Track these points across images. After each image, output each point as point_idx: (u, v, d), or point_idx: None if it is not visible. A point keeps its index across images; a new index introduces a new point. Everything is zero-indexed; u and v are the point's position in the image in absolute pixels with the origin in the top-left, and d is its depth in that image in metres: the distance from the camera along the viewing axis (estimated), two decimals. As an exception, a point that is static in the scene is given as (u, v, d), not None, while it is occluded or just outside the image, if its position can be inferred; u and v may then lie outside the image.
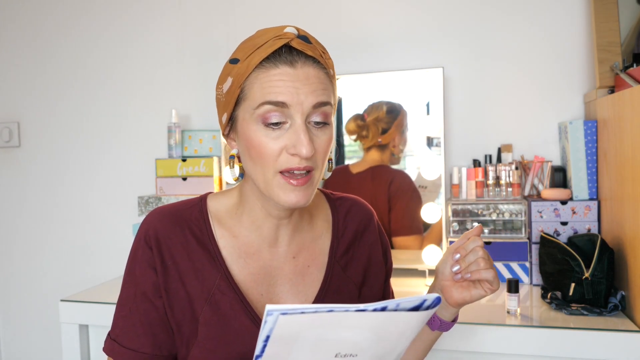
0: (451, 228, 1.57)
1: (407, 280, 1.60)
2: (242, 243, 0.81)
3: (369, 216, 0.92)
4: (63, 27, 2.07)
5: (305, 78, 0.71)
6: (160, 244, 0.79)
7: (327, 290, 0.83)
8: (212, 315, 0.77)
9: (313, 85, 0.71)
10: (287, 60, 0.70)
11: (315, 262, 0.84)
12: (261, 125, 0.71)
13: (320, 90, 0.72)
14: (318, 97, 0.71)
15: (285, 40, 0.71)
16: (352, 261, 0.87)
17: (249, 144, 0.73)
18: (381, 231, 0.93)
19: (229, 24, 1.90)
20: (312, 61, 0.72)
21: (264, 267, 0.81)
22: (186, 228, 0.80)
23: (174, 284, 0.78)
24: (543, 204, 1.47)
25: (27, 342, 2.15)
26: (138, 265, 0.79)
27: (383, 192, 1.70)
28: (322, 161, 0.74)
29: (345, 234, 0.88)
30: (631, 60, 1.48)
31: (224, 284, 0.78)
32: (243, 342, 0.76)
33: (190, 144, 1.85)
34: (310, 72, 0.71)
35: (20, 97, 2.12)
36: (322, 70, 0.73)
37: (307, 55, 0.72)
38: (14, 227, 2.15)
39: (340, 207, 0.90)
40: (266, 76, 0.71)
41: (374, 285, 0.89)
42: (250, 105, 0.72)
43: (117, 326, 0.80)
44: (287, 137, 0.71)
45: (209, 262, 0.79)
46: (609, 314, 1.23)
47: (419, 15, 1.76)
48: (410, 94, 1.67)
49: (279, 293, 0.81)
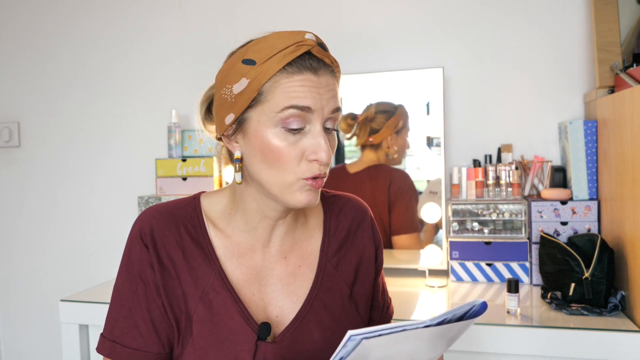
0: (451, 228, 1.57)
1: (407, 280, 1.60)
2: (235, 243, 0.82)
3: (362, 213, 0.92)
4: (63, 27, 2.07)
5: (326, 85, 0.73)
6: (155, 242, 0.79)
7: (319, 289, 0.83)
8: (205, 314, 0.77)
9: (331, 92, 0.74)
10: (310, 67, 0.72)
11: (306, 261, 0.85)
12: (281, 129, 0.72)
13: (336, 97, 0.75)
14: (336, 103, 0.74)
15: (307, 47, 0.72)
16: (344, 259, 0.87)
17: (265, 147, 0.73)
18: (374, 228, 0.93)
19: (229, 24, 1.90)
20: (329, 69, 0.74)
21: (255, 267, 0.81)
22: (181, 226, 0.80)
23: (171, 281, 0.78)
24: (543, 204, 1.47)
25: (27, 342, 2.15)
26: (135, 263, 0.79)
27: (382, 193, 1.70)
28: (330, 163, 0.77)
29: (338, 232, 0.88)
30: (631, 60, 1.48)
31: (218, 283, 0.78)
32: (236, 341, 0.76)
33: (190, 144, 1.85)
34: (329, 80, 0.74)
35: (20, 97, 2.12)
36: (335, 78, 0.76)
37: (324, 62, 0.74)
38: (14, 227, 2.15)
39: (333, 205, 0.90)
40: (290, 81, 0.71)
41: (365, 283, 0.89)
42: (271, 109, 0.72)
43: (117, 327, 0.79)
44: (306, 142, 0.72)
45: (203, 260, 0.79)
46: (609, 314, 1.23)
47: (419, 15, 1.76)
48: (410, 94, 1.67)
49: (270, 293, 0.81)
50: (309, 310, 0.81)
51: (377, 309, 0.93)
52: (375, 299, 0.92)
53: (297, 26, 1.79)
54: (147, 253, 0.78)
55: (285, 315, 0.80)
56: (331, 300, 0.83)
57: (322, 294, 0.83)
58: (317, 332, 0.80)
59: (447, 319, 0.60)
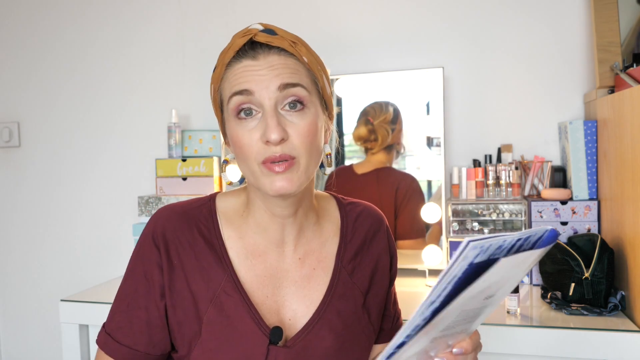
0: (451, 228, 1.57)
1: (407, 280, 1.60)
2: (249, 244, 0.81)
3: (378, 222, 0.90)
4: (63, 27, 2.07)
5: (269, 66, 0.71)
6: (167, 243, 0.78)
7: (333, 295, 0.82)
8: (216, 316, 0.76)
9: (277, 70, 0.71)
10: (249, 55, 0.72)
11: (321, 265, 0.83)
12: (235, 120, 0.73)
13: (287, 74, 0.71)
14: (284, 79, 0.71)
15: (249, 36, 0.72)
16: (359, 267, 0.86)
17: (233, 143, 0.75)
18: (390, 238, 0.92)
19: (229, 24, 1.90)
20: (278, 50, 0.73)
21: (270, 269, 0.81)
22: (194, 227, 0.80)
23: (179, 283, 0.78)
24: (543, 204, 1.47)
25: (27, 342, 2.15)
26: (143, 262, 0.79)
27: (389, 197, 1.69)
28: (305, 147, 0.72)
29: (354, 239, 0.87)
30: (631, 60, 1.48)
31: (230, 285, 0.78)
32: (246, 344, 0.75)
33: (190, 144, 1.85)
34: (274, 60, 0.72)
35: (20, 97, 2.12)
36: (290, 58, 0.73)
37: (271, 47, 0.72)
38: (14, 227, 2.15)
39: (350, 212, 0.89)
40: (232, 73, 0.73)
41: (379, 293, 0.88)
42: (226, 105, 0.74)
43: (113, 320, 0.80)
44: (259, 126, 0.71)
45: (215, 262, 0.79)
46: (609, 314, 1.23)
47: (419, 15, 1.76)
48: (410, 94, 1.67)
49: (285, 295, 0.80)
50: (323, 315, 0.80)
51: (389, 319, 0.92)
52: (387, 308, 0.91)
53: (296, 26, 1.78)
54: (157, 254, 0.78)
55: (298, 319, 0.80)
56: (345, 307, 0.82)
57: (335, 300, 0.81)
58: (329, 338, 0.79)
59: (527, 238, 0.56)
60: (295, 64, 0.73)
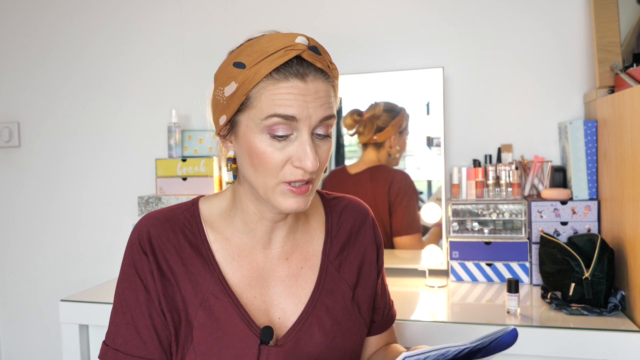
0: (451, 228, 1.57)
1: (407, 280, 1.60)
2: (235, 245, 0.81)
3: (363, 215, 0.91)
4: (63, 27, 2.07)
5: (314, 92, 0.71)
6: (154, 249, 0.78)
7: (321, 291, 0.82)
8: (206, 320, 0.76)
9: (321, 100, 0.71)
10: (298, 73, 0.70)
11: (308, 263, 0.84)
12: (267, 136, 0.71)
13: (328, 104, 0.72)
14: (326, 111, 0.72)
15: (297, 52, 0.70)
16: (346, 261, 0.86)
17: (252, 151, 0.73)
18: (376, 229, 0.92)
19: (229, 24, 1.90)
20: (321, 74, 0.72)
21: (257, 269, 0.81)
22: (179, 232, 0.80)
23: (170, 288, 0.78)
24: (543, 204, 1.47)
25: (27, 342, 2.15)
26: (137, 270, 0.79)
27: (383, 194, 1.69)
28: (321, 169, 0.75)
29: (340, 234, 0.88)
30: (631, 60, 1.48)
31: (218, 288, 0.78)
32: (237, 345, 0.76)
33: (190, 144, 1.85)
34: (319, 87, 0.71)
35: (20, 97, 2.12)
36: (329, 83, 0.73)
37: (316, 67, 0.71)
38: (15, 227, 2.15)
39: (334, 207, 0.90)
40: (276, 88, 0.70)
41: (367, 286, 0.88)
42: (257, 115, 0.71)
43: (119, 335, 0.78)
44: (292, 149, 0.71)
45: (202, 266, 0.79)
46: (609, 314, 1.23)
47: (419, 15, 1.76)
48: (410, 94, 1.67)
49: (273, 295, 0.81)
50: (312, 312, 0.80)
51: (378, 311, 0.92)
52: (376, 301, 0.92)
53: (296, 26, 1.79)
54: (146, 260, 0.78)
55: (288, 318, 0.80)
56: (333, 303, 0.82)
57: (324, 296, 0.82)
58: (320, 335, 0.80)
59: (481, 343, 0.64)
60: (331, 90, 0.74)
